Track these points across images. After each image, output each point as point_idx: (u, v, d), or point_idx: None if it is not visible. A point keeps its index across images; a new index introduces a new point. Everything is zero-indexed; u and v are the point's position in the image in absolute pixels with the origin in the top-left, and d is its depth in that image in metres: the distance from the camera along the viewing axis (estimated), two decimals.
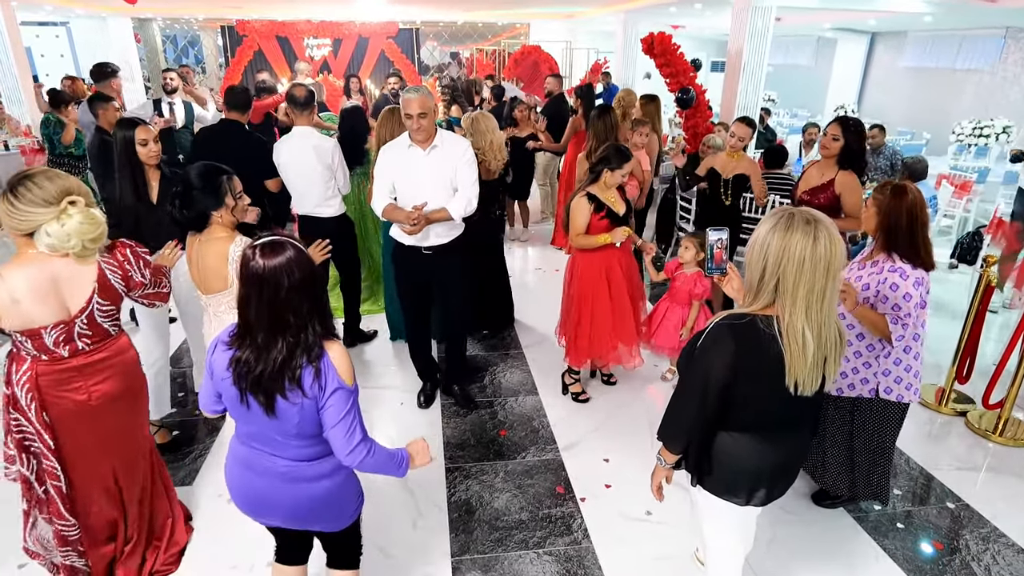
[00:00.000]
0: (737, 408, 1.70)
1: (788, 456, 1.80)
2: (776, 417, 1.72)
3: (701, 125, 6.82)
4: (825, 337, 1.60)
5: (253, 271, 1.47)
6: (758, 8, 7.32)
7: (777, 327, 1.59)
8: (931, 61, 12.18)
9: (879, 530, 2.73)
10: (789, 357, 1.58)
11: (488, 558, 2.55)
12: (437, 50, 18.14)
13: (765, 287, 1.59)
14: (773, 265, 1.56)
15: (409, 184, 3.12)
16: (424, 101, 2.94)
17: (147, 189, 2.91)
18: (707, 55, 13.16)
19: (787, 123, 12.34)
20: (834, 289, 1.58)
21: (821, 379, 1.65)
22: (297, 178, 3.70)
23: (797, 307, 1.55)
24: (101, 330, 2.07)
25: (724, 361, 1.62)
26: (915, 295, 2.31)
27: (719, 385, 1.65)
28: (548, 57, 11.68)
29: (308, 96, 3.69)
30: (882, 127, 6.34)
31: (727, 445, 1.76)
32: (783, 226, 1.56)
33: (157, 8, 13.30)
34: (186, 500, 2.83)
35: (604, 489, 2.96)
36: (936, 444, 3.41)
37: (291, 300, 1.48)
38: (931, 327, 4.86)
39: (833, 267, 1.54)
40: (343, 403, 1.55)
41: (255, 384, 1.53)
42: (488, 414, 3.56)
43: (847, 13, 10.28)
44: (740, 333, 1.62)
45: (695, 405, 1.71)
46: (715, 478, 1.81)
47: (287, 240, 1.51)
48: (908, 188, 2.36)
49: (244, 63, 14.98)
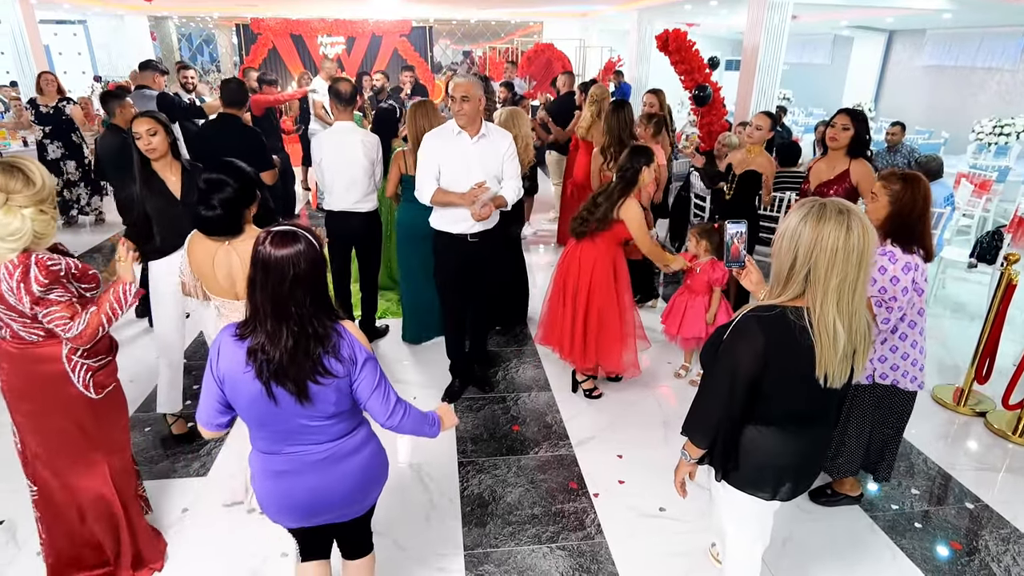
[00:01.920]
0: (765, 401, 1.67)
1: (814, 449, 1.79)
2: (804, 410, 1.71)
3: (716, 123, 6.77)
4: (856, 328, 1.58)
5: (260, 256, 1.47)
6: (774, 5, 7.27)
7: (808, 318, 1.57)
8: (950, 59, 12.01)
9: (896, 529, 2.70)
10: (820, 349, 1.56)
11: (501, 552, 2.55)
12: (450, 48, 18.17)
13: (795, 277, 1.57)
14: (804, 255, 1.55)
15: (457, 170, 3.13)
16: (468, 86, 3.00)
17: (162, 183, 2.86)
18: (721, 54, 13.07)
19: (802, 122, 12.24)
20: (865, 280, 1.56)
21: (850, 371, 1.64)
22: (339, 174, 3.69)
23: (828, 298, 1.54)
24: (11, 329, 1.97)
25: (753, 354, 1.60)
26: (903, 279, 2.31)
27: (748, 378, 1.62)
28: (561, 55, 11.66)
29: (352, 92, 3.74)
30: (902, 124, 6.27)
31: (754, 439, 1.74)
32: (815, 216, 1.54)
33: (173, 6, 13.42)
34: (201, 490, 2.86)
35: (617, 485, 2.95)
36: (954, 444, 3.37)
37: (294, 292, 1.48)
38: (950, 327, 4.85)
39: (865, 258, 1.53)
40: (374, 371, 1.61)
41: (280, 374, 1.51)
42: (501, 409, 3.56)
43: (865, 11, 10.17)
44: (769, 325, 1.60)
45: (723, 399, 1.69)
46: (741, 473, 1.79)
47: (301, 233, 1.50)
48: (920, 177, 2.38)
49: (259, 61, 15.07)
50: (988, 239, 5.47)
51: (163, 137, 2.78)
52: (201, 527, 2.66)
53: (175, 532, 2.62)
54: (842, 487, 2.82)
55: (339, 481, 1.69)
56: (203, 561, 2.48)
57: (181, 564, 2.47)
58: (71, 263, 1.96)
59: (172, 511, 2.73)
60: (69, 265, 1.95)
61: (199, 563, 2.48)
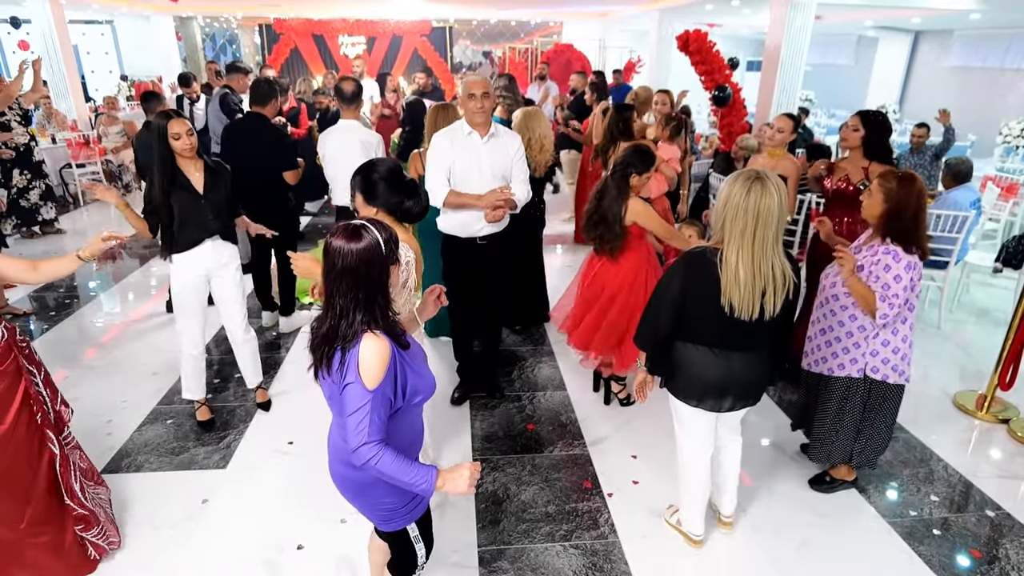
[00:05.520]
0: (687, 322, 2.19)
1: (737, 372, 2.21)
2: (720, 334, 2.16)
3: (736, 124, 6.73)
4: (762, 271, 2.01)
5: (326, 243, 1.56)
6: (798, 5, 7.19)
7: (720, 257, 2.05)
8: (978, 60, 11.78)
9: (914, 536, 2.67)
10: (724, 281, 2.04)
11: (515, 549, 2.56)
12: (469, 49, 18.22)
13: (718, 226, 2.07)
14: (720, 209, 2.04)
15: (468, 170, 3.09)
16: (484, 82, 3.02)
17: (187, 179, 2.95)
18: (742, 54, 12.97)
19: (824, 123, 12.08)
20: (764, 234, 1.99)
21: (760, 308, 2.05)
22: (340, 170, 3.77)
23: (733, 242, 2.02)
24: None
25: (677, 281, 2.15)
26: (905, 277, 2.41)
27: (672, 300, 2.15)
28: (581, 56, 11.63)
29: (356, 90, 3.81)
30: (927, 126, 6.17)
31: (683, 354, 2.25)
32: (732, 180, 2.02)
33: (198, 7, 13.63)
34: (220, 483, 2.92)
35: (632, 485, 2.95)
36: (976, 451, 3.31)
37: (340, 283, 1.52)
38: (974, 332, 4.77)
39: (763, 214, 1.96)
40: (355, 399, 1.51)
41: (312, 350, 1.61)
42: (516, 408, 3.57)
43: (890, 11, 10.02)
44: (691, 261, 2.14)
45: (654, 313, 2.23)
46: (676, 383, 2.31)
47: (365, 232, 1.52)
48: (915, 177, 2.46)
49: (281, 60, 15.26)
50: (1014, 244, 5.35)
51: (195, 137, 2.94)
52: (220, 518, 2.71)
53: (195, 522, 2.67)
54: (838, 473, 2.92)
55: (335, 475, 1.76)
56: (221, 551, 2.53)
57: (199, 554, 2.52)
58: None
59: (192, 502, 2.79)
60: None
61: (217, 553, 2.53)
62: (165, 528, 2.64)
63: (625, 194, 3.07)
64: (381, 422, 1.54)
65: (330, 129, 3.91)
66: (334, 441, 1.73)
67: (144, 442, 3.21)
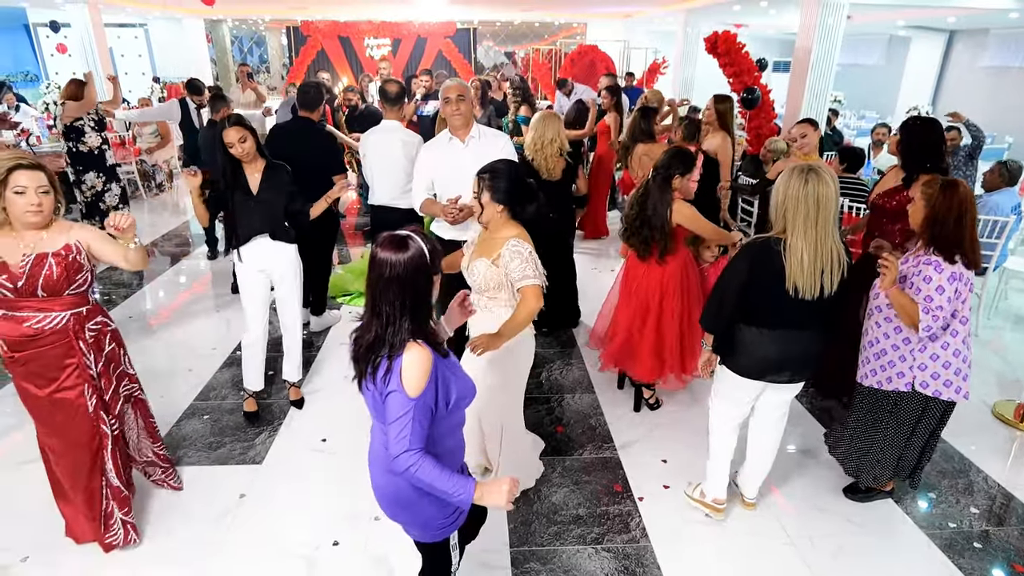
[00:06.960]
0: (750, 304, 2.38)
1: (794, 349, 2.40)
2: (781, 314, 2.34)
3: (765, 126, 6.65)
4: (821, 251, 2.21)
5: (372, 252, 1.59)
6: (828, 5, 7.09)
7: (783, 244, 2.25)
8: (1015, 60, 11.50)
9: (953, 548, 2.62)
10: (789, 267, 2.23)
11: (546, 551, 2.57)
12: (493, 50, 18.28)
13: (778, 217, 2.28)
14: (781, 201, 2.26)
15: (450, 176, 3.15)
16: (460, 86, 3.08)
17: (245, 180, 3.07)
18: (770, 55, 12.80)
19: (854, 125, 11.89)
20: (826, 217, 2.19)
21: (820, 287, 2.23)
22: (380, 170, 3.83)
23: (796, 229, 2.22)
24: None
25: (742, 268, 2.36)
26: (949, 289, 2.34)
27: (738, 285, 2.36)
28: (605, 57, 11.59)
29: (399, 92, 3.88)
30: (958, 128, 6.03)
31: (744, 333, 2.43)
32: (787, 174, 2.26)
33: (228, 10, 13.88)
34: (256, 478, 2.97)
35: (663, 489, 2.94)
36: (1016, 462, 3.24)
37: (387, 292, 1.54)
38: (1012, 339, 4.66)
39: (822, 200, 2.18)
40: (397, 407, 1.54)
41: (356, 359, 1.62)
42: (545, 410, 3.58)
43: (924, 10, 9.83)
44: (755, 249, 2.34)
45: (719, 298, 2.43)
46: (736, 360, 2.49)
47: (411, 242, 1.55)
48: (959, 183, 2.38)
49: (307, 62, 15.44)
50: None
51: (251, 142, 3.02)
52: (257, 512, 2.76)
53: (232, 517, 2.73)
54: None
55: (379, 489, 1.75)
56: (257, 547, 2.58)
57: (236, 549, 2.57)
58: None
59: (230, 496, 2.85)
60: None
61: (253, 549, 2.57)
62: (207, 521, 2.70)
63: (669, 196, 3.06)
64: (423, 430, 1.56)
65: (372, 129, 3.96)
66: (375, 451, 1.73)
67: (183, 436, 3.28)
